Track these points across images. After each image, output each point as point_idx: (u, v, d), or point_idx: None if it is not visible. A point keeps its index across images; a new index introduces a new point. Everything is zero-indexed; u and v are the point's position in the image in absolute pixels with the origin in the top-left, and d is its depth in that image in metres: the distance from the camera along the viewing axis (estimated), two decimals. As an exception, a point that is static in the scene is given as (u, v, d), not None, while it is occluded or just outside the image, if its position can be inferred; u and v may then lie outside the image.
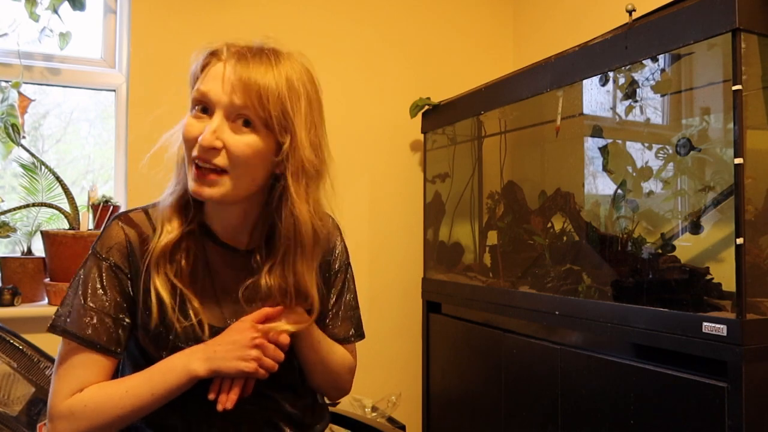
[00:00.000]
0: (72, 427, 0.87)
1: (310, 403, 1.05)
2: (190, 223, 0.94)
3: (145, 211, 0.97)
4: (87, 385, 0.89)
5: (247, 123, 0.86)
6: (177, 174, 0.95)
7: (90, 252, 0.93)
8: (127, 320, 0.91)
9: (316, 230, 0.91)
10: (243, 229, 0.97)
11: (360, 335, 1.11)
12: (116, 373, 0.94)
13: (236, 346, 0.88)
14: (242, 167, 0.87)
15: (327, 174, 0.94)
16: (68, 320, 0.89)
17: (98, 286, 0.90)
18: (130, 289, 0.92)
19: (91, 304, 0.89)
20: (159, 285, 0.90)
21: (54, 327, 0.90)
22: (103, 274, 0.91)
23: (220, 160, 0.86)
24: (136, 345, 0.95)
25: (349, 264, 1.11)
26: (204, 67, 0.89)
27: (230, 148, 0.85)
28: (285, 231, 0.90)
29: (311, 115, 0.90)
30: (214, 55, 0.89)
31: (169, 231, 0.91)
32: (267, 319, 0.92)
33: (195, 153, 0.86)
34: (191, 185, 0.87)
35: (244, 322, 0.91)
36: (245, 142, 0.86)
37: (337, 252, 1.08)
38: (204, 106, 0.88)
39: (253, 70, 0.86)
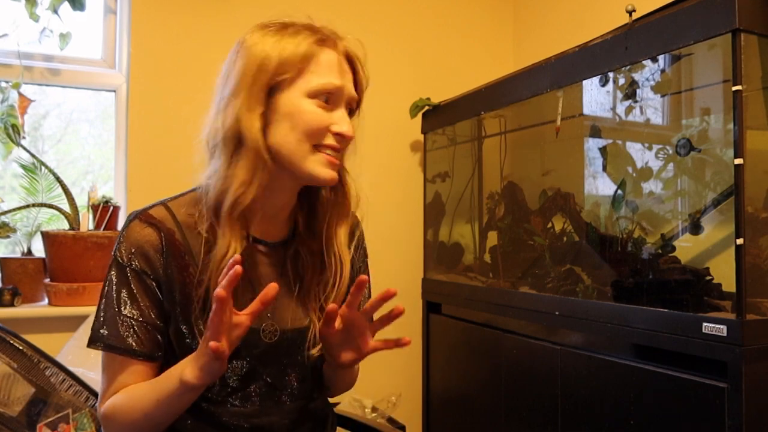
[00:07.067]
0: (109, 430, 0.88)
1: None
2: (248, 230, 0.91)
3: (164, 205, 0.92)
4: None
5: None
6: (254, 169, 0.86)
7: (112, 258, 0.89)
8: (161, 323, 0.89)
9: (351, 191, 1.01)
10: (283, 217, 0.98)
11: None
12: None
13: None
14: None
15: None
16: (107, 333, 0.87)
17: (128, 294, 0.88)
18: (158, 291, 0.89)
19: (126, 314, 0.87)
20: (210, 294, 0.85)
21: (95, 342, 0.88)
22: (131, 282, 0.88)
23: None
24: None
25: (366, 250, 1.14)
26: (314, 54, 0.90)
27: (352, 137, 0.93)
28: (330, 195, 0.98)
29: None
30: (324, 43, 0.92)
31: (236, 247, 0.87)
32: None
33: (328, 141, 0.90)
34: (323, 172, 0.90)
35: None
36: (354, 128, 0.95)
37: (358, 233, 1.12)
38: (327, 97, 0.90)
39: (359, 64, 0.96)
